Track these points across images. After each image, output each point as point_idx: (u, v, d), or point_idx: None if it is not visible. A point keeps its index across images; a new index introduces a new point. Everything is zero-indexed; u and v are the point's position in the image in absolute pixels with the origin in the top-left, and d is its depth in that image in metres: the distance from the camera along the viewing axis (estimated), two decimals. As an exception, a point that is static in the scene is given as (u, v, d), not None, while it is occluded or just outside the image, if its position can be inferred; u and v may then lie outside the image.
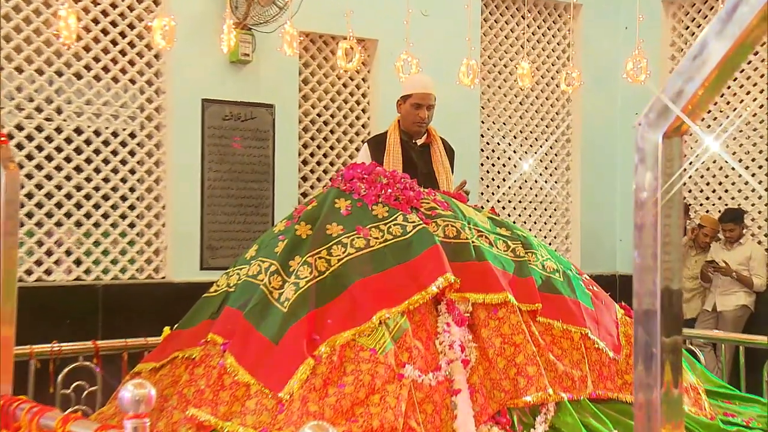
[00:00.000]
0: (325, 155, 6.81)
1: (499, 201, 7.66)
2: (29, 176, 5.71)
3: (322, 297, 2.99)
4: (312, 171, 6.76)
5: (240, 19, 6.09)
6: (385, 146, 4.25)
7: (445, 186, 4.24)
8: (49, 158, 5.77)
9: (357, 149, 6.69)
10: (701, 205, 7.78)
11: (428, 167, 4.29)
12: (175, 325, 3.37)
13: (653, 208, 1.17)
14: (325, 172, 6.80)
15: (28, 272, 5.72)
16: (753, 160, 7.45)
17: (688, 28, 7.81)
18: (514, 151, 7.71)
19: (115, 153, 5.98)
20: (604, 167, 8.01)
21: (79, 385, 3.78)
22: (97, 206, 5.92)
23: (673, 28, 7.89)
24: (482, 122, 7.55)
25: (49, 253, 5.81)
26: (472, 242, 3.26)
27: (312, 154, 6.76)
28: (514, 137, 7.74)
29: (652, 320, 1.17)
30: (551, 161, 7.99)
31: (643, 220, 1.17)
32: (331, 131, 6.84)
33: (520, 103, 7.79)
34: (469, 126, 7.33)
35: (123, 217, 6.02)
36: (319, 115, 6.78)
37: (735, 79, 7.49)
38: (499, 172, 7.69)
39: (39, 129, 5.74)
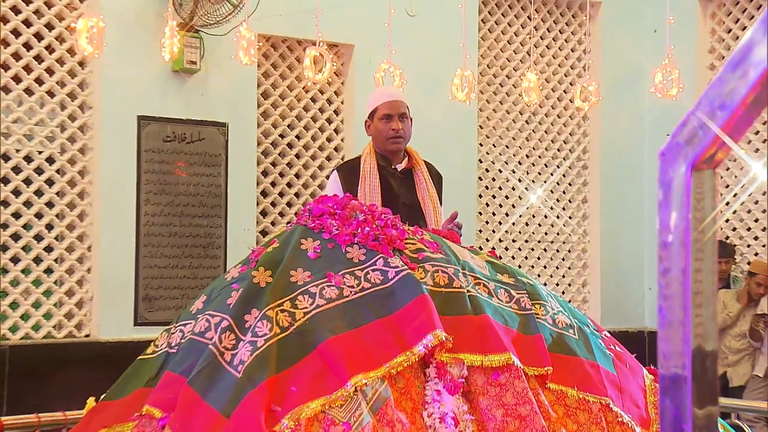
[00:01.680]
0: (289, 185, 6.84)
1: (500, 241, 7.70)
2: None
3: (284, 359, 2.99)
4: (273, 204, 6.78)
5: (185, 20, 6.14)
6: (360, 174, 4.28)
7: (432, 219, 4.26)
8: (-53, 188, 5.76)
9: (328, 177, 6.71)
10: (749, 246, 7.84)
11: (412, 197, 4.31)
12: (102, 395, 3.35)
13: (681, 252, 1.19)
14: (289, 205, 6.82)
15: None
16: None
17: (730, 31, 7.93)
18: (519, 180, 7.77)
19: (28, 182, 5.97)
20: (629, 200, 8.08)
21: (-20, 471, 3.74)
22: (4, 248, 5.89)
23: (712, 32, 8.01)
24: (480, 145, 7.62)
25: (-55, 305, 5.78)
26: (468, 291, 3.28)
27: (273, 184, 6.78)
28: (519, 163, 7.81)
29: (681, 388, 1.19)
30: (564, 192, 8.05)
31: (669, 266, 1.19)
32: (297, 156, 6.87)
33: (526, 122, 7.87)
34: (465, 150, 7.39)
35: (37, 261, 5.99)
36: (281, 135, 6.81)
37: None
38: (501, 206, 7.74)
39: (-64, 152, 5.74)
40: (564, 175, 8.02)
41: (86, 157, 6.14)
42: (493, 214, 7.70)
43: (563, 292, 7.91)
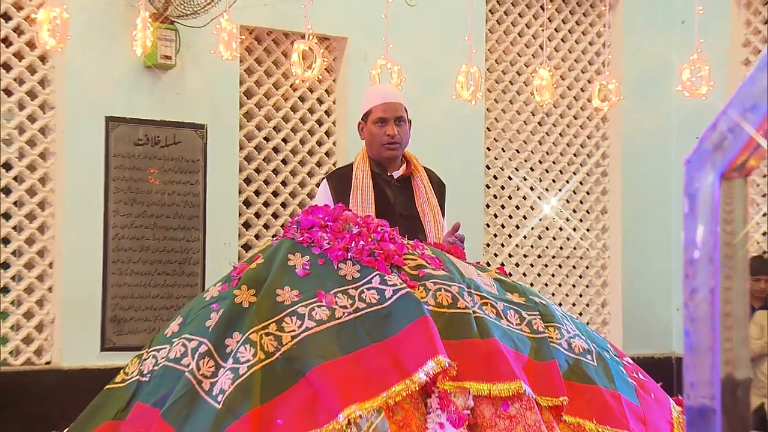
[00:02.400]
0: (275, 194, 6.84)
1: (510, 256, 7.71)
2: None
3: (269, 388, 2.99)
4: (257, 215, 6.78)
5: (159, 10, 6.16)
6: (352, 182, 4.29)
7: (433, 232, 4.27)
8: None
9: (317, 185, 6.72)
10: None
11: (410, 207, 4.33)
12: (66, 430, 3.35)
13: (710, 270, 1.20)
14: (275, 216, 6.83)
15: None
16: None
17: (767, 22, 7.93)
18: (531, 189, 7.78)
19: (-16, 190, 5.97)
20: (654, 211, 8.09)
21: None
22: (-42, 263, 5.90)
23: (747, 23, 8.02)
24: (488, 149, 7.63)
25: None
26: (474, 312, 3.29)
27: (257, 193, 6.79)
28: (531, 169, 7.82)
29: (709, 421, 1.19)
30: (581, 202, 8.06)
31: (696, 285, 1.19)
32: (284, 161, 6.88)
33: (539, 123, 7.88)
34: (471, 155, 7.40)
35: (-6, 278, 5.99)
36: (266, 139, 6.82)
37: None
38: (510, 217, 7.74)
39: None
40: (581, 183, 8.03)
41: (48, 162, 6.14)
42: (502, 226, 7.71)
43: (580, 314, 7.91)
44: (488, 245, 7.59)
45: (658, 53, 8.03)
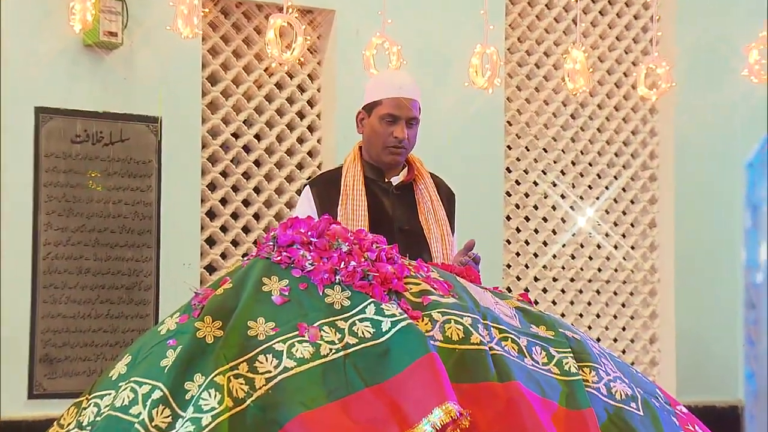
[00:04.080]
0: (245, 203, 6.85)
1: (536, 279, 7.71)
2: None
3: (239, 443, 3.01)
4: (224, 229, 6.79)
5: (103, -24, 6.17)
6: (341, 189, 4.30)
7: (440, 250, 4.29)
8: None
9: (298, 193, 6.72)
10: None
11: (411, 221, 4.34)
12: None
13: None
14: (246, 230, 6.83)
15: None
16: None
17: None
18: (562, 196, 7.79)
19: None
20: (715, 224, 8.09)
21: None
22: None
23: (826, -7, 8.06)
24: (509, 148, 7.64)
25: None
26: (491, 349, 3.31)
27: (224, 201, 6.79)
28: (562, 173, 7.83)
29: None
30: (624, 213, 8.07)
31: (759, 316, 1.22)
32: (257, 163, 6.88)
33: (572, 116, 7.89)
34: (488, 155, 7.41)
35: None
36: (235, 135, 6.83)
37: None
38: (536, 231, 7.75)
39: None
40: (624, 190, 8.04)
41: (-35, 164, 6.16)
42: (526, 242, 7.72)
43: (623, 351, 7.92)
44: (509, 266, 7.60)
45: (719, 29, 8.05)
